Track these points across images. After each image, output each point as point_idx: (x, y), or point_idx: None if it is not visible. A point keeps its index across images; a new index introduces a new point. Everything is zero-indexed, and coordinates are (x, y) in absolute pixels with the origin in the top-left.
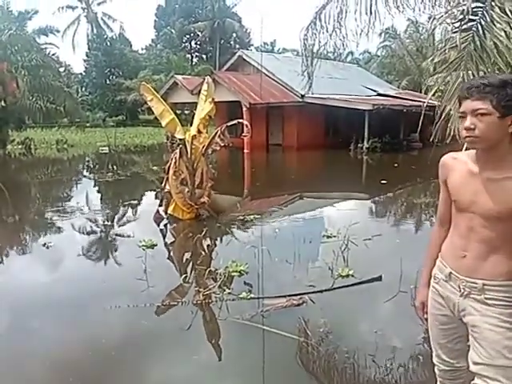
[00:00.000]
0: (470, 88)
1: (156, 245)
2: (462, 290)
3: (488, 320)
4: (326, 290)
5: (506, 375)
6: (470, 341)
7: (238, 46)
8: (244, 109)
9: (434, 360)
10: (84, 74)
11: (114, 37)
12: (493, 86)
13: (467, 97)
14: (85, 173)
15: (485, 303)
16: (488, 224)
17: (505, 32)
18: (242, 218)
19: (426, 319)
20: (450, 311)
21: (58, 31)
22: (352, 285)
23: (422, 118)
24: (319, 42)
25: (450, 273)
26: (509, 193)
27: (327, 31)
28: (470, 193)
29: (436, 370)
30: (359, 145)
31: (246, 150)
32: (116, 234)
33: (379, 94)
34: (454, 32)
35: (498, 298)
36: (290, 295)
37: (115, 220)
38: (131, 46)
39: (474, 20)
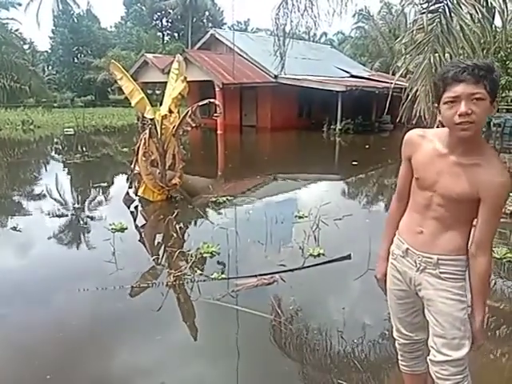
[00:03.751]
0: (462, 71)
1: (126, 228)
2: (418, 265)
3: (441, 293)
4: (296, 269)
5: (452, 347)
6: (425, 314)
7: (210, 25)
8: (217, 89)
9: (394, 334)
10: (50, 51)
11: (82, 13)
12: (485, 70)
13: (461, 80)
14: (53, 154)
15: (439, 277)
16: (445, 204)
17: (470, 15)
18: (214, 199)
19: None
20: (407, 286)
21: (19, 5)
22: (322, 263)
23: (392, 99)
24: (291, 21)
25: (407, 248)
26: (473, 179)
27: (299, 10)
28: (434, 172)
29: (396, 344)
30: (332, 126)
31: (219, 131)
32: (86, 217)
33: (352, 76)
34: (422, 13)
35: (451, 271)
36: (261, 274)
37: (84, 203)
38: (99, 23)
39: (441, 1)
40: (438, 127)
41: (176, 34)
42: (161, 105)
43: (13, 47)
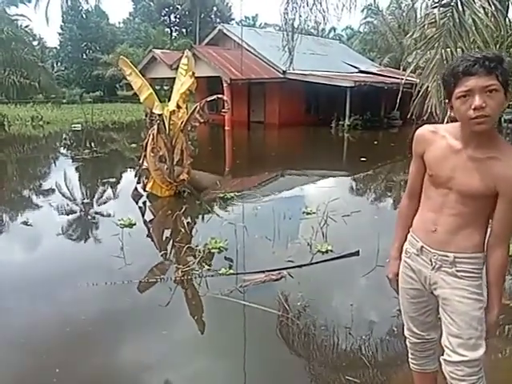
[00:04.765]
0: (473, 64)
1: (135, 223)
2: (434, 264)
3: (457, 292)
4: (304, 265)
5: (468, 347)
6: (440, 313)
7: (218, 20)
8: (225, 85)
9: (406, 333)
10: (59, 48)
11: (90, 9)
12: (496, 61)
13: (472, 73)
14: (62, 150)
15: (455, 276)
16: (462, 200)
17: (484, 9)
18: (222, 195)
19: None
20: (422, 285)
21: (29, 1)
22: (330, 260)
23: (402, 95)
24: (300, 16)
25: (422, 247)
26: (489, 172)
27: (308, 5)
28: (449, 169)
29: (407, 343)
30: (340, 122)
31: (226, 127)
32: (94, 213)
33: (361, 71)
34: (434, 7)
35: (468, 270)
36: (268, 270)
37: (93, 198)
38: (108, 19)
39: None
40: (447, 123)
41: (184, 30)
42: (169, 100)
43: (22, 43)
